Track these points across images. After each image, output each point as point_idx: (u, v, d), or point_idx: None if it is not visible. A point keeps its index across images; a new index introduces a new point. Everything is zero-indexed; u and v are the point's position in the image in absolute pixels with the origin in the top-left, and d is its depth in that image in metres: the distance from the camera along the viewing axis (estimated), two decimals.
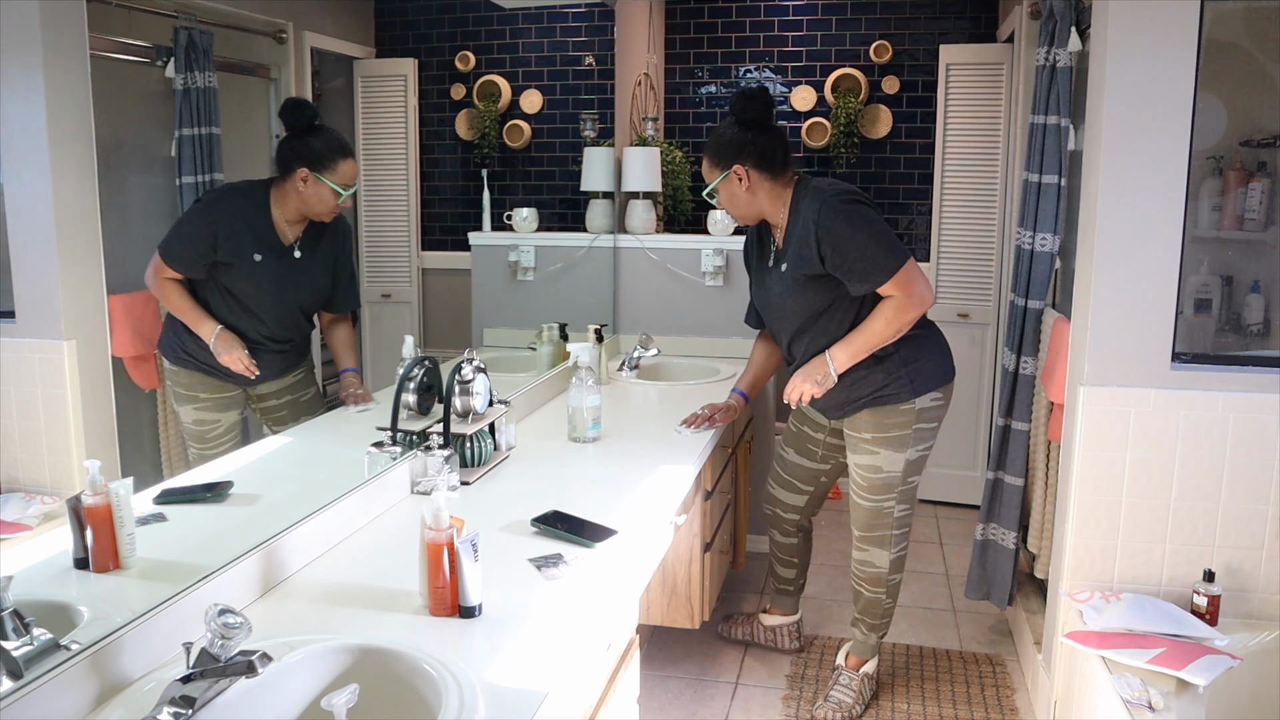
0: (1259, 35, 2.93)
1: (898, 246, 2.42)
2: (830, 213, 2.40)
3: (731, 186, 2.51)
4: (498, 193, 3.40)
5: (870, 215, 2.42)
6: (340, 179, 2.02)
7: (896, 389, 2.53)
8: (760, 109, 2.48)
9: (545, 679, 1.38)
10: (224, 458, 1.87)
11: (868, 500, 2.66)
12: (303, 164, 1.98)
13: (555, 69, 3.73)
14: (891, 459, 2.60)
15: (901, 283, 2.41)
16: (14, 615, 1.21)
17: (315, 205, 2.01)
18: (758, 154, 2.46)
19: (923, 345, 2.57)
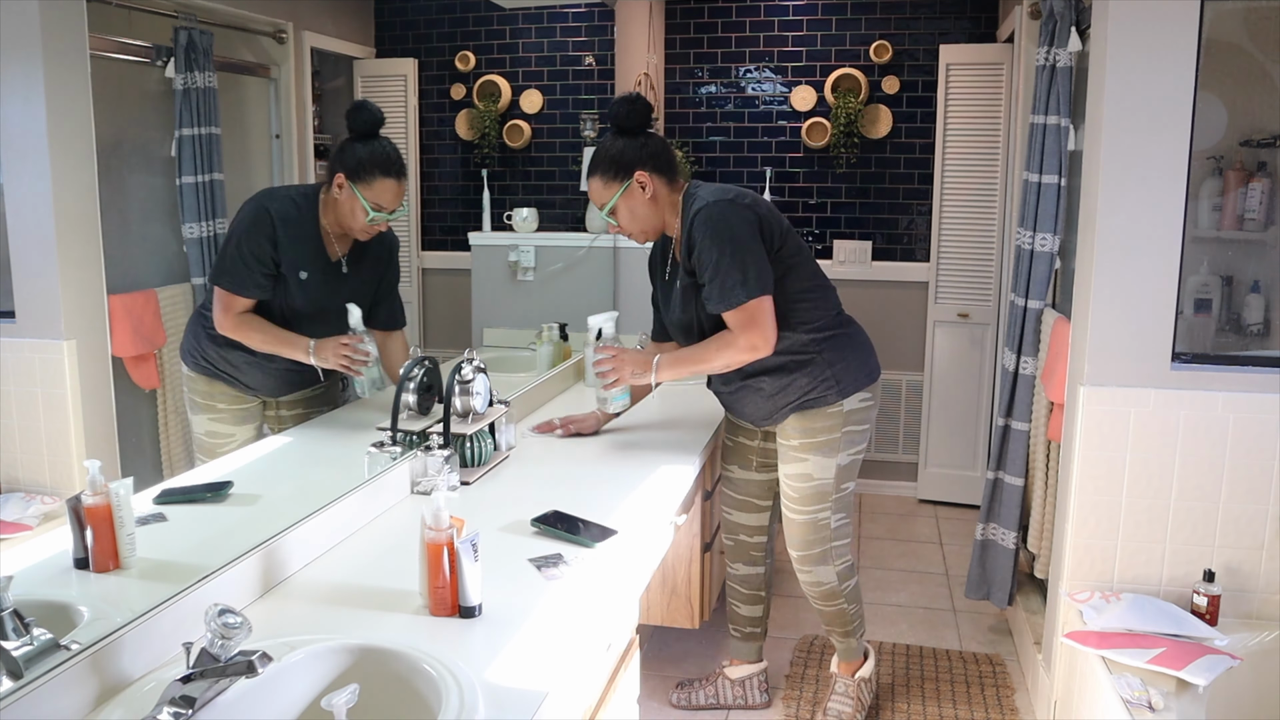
0: (1259, 35, 2.93)
1: (756, 276, 2.21)
2: (700, 220, 2.23)
3: (633, 198, 2.32)
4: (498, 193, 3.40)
5: (738, 230, 2.21)
6: (373, 195, 1.92)
7: (822, 391, 2.37)
8: (643, 114, 2.34)
9: (545, 679, 1.38)
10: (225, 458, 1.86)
11: (801, 513, 2.48)
12: (341, 169, 1.91)
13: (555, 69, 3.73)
14: (822, 465, 2.42)
15: (741, 320, 2.22)
16: (14, 615, 1.21)
17: (347, 217, 1.93)
18: (654, 158, 2.32)
19: (846, 345, 2.41)
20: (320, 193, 1.92)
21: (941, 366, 4.42)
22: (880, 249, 4.51)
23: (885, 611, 3.45)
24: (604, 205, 2.34)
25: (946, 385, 4.43)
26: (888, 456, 4.63)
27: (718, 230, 2.21)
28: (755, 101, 4.54)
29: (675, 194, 2.35)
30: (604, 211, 2.35)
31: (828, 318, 2.39)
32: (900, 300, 4.51)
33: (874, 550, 4.02)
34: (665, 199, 2.34)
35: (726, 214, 2.22)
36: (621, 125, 2.33)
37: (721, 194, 2.26)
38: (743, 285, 2.20)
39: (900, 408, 4.56)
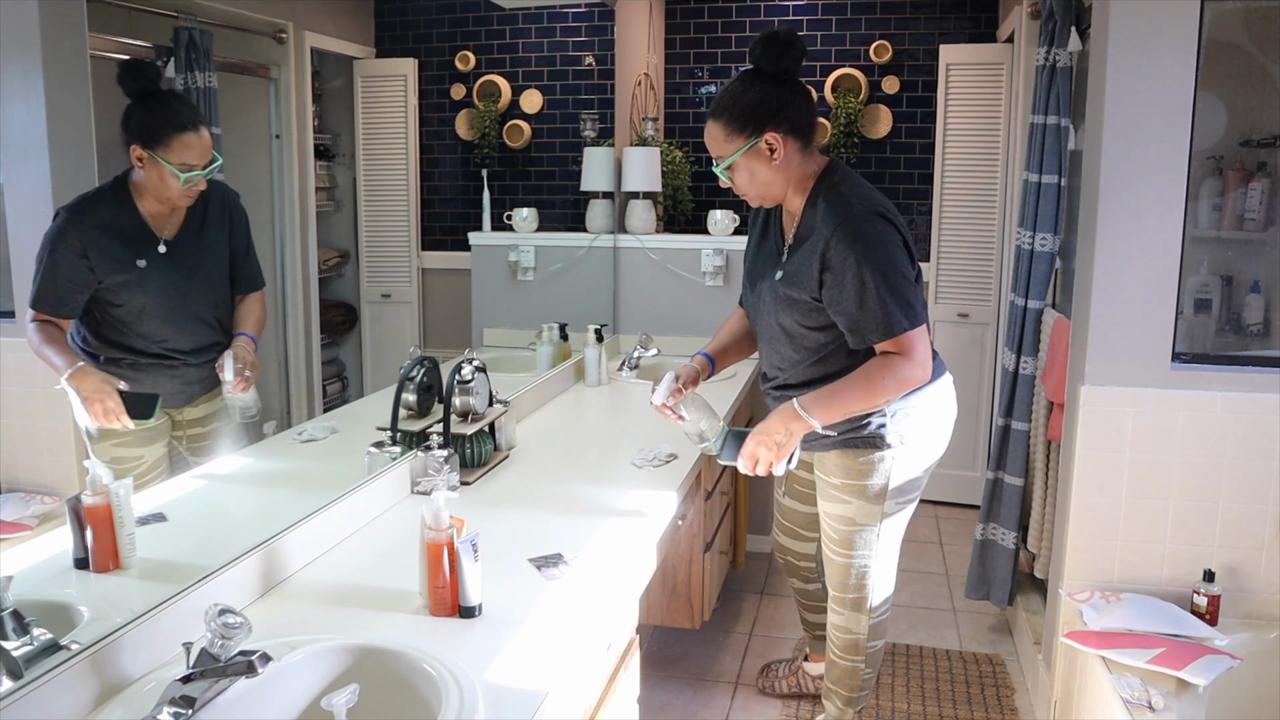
0: (1259, 35, 2.93)
1: (913, 301, 1.96)
2: (848, 235, 1.93)
3: (757, 159, 1.99)
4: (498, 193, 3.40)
5: (894, 254, 1.96)
6: (176, 156, 1.67)
7: (875, 432, 2.12)
8: (794, 58, 1.96)
9: (545, 679, 1.38)
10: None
11: (840, 555, 2.27)
12: (134, 139, 1.66)
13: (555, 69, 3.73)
14: (866, 511, 2.20)
15: (900, 351, 1.97)
16: (14, 615, 1.21)
17: (159, 189, 1.69)
18: (793, 118, 1.97)
19: (923, 396, 2.15)
20: (128, 178, 1.70)
21: None
22: None
23: None
24: (722, 159, 2.00)
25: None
26: None
27: (869, 252, 1.92)
28: None
29: (809, 167, 2.04)
30: (721, 166, 2.02)
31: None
32: None
33: None
34: (795, 167, 2.02)
35: (882, 235, 1.95)
36: (763, 68, 1.97)
37: (870, 204, 1.97)
38: (900, 313, 1.94)
39: None
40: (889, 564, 2.30)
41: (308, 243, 2.21)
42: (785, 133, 1.97)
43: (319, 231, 2.28)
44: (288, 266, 2.16)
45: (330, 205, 2.49)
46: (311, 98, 2.20)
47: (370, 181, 2.61)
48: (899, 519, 2.26)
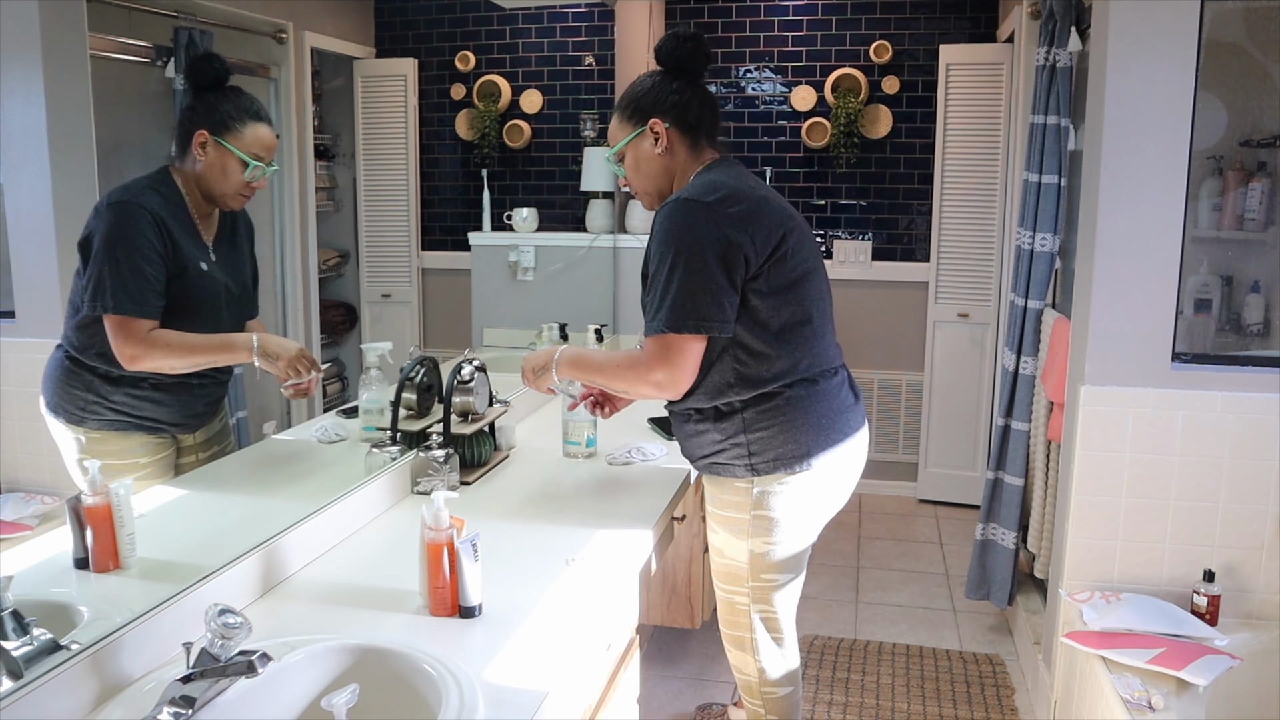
0: (1259, 35, 2.93)
1: (696, 308, 1.77)
2: (663, 215, 1.84)
3: (641, 148, 1.95)
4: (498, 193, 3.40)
5: (700, 244, 1.77)
6: (247, 145, 1.64)
7: (730, 459, 1.92)
8: (692, 54, 1.93)
9: (545, 679, 1.38)
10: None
11: (719, 589, 2.07)
12: (201, 124, 1.62)
13: (555, 69, 3.73)
14: (731, 544, 1.99)
15: (656, 350, 1.81)
16: (14, 615, 1.21)
17: (219, 181, 1.63)
18: (679, 109, 1.92)
19: (782, 413, 1.87)
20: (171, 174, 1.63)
21: (941, 366, 4.42)
22: (880, 249, 4.51)
23: (885, 611, 3.45)
24: (613, 146, 2.01)
25: (946, 385, 4.43)
26: (888, 456, 4.63)
27: (674, 235, 1.80)
28: (755, 101, 4.53)
29: (694, 161, 1.96)
30: (609, 154, 2.01)
31: (779, 374, 1.87)
32: (900, 300, 4.51)
33: (874, 550, 4.02)
34: (681, 163, 1.95)
35: (695, 219, 1.79)
36: (663, 63, 1.96)
37: (708, 190, 1.83)
38: (673, 311, 1.78)
39: (900, 408, 4.56)
40: (772, 611, 2.03)
41: (308, 243, 2.21)
42: (671, 123, 1.93)
43: (319, 231, 2.28)
44: (288, 266, 2.16)
45: (330, 205, 2.49)
46: (311, 98, 2.21)
47: (370, 181, 2.61)
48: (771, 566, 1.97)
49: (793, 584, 2.04)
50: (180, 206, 1.62)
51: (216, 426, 1.74)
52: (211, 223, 1.70)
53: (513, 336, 3.38)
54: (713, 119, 1.97)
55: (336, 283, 2.53)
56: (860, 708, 2.80)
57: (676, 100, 1.92)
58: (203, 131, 1.61)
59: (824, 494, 1.97)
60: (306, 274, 2.21)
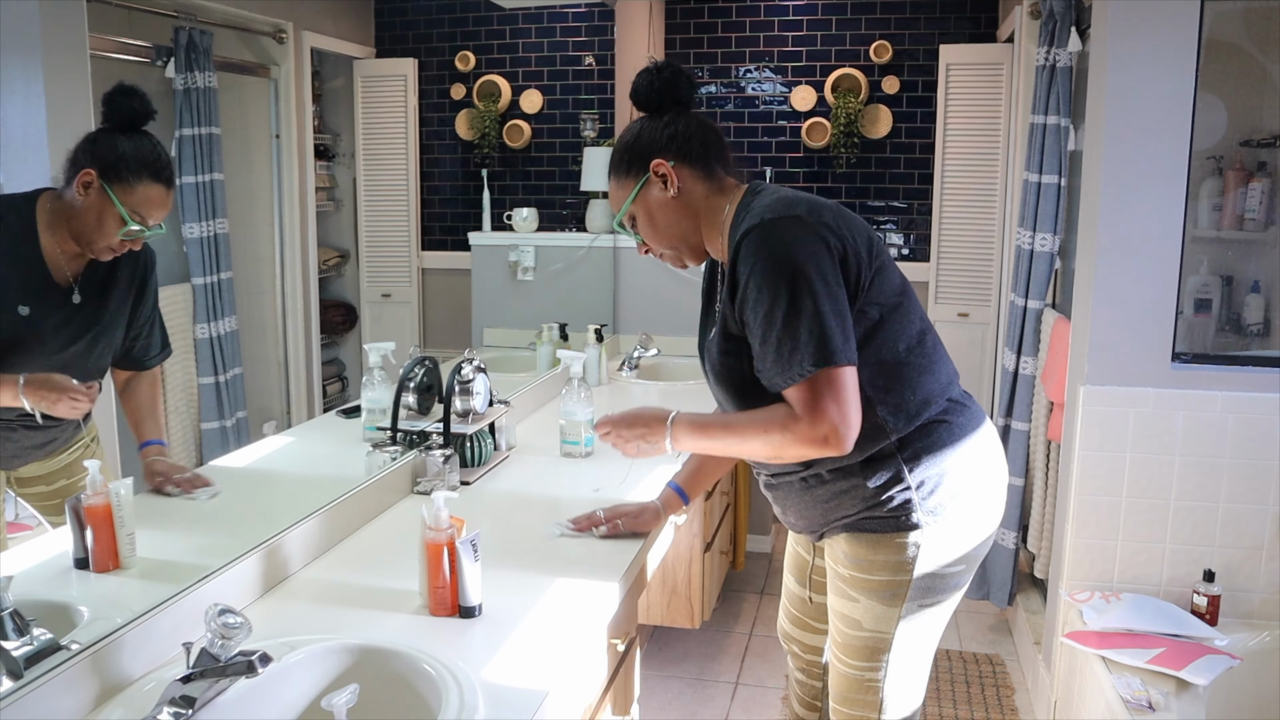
0: (1259, 35, 2.93)
1: (832, 334, 1.46)
2: (749, 245, 1.51)
3: (650, 199, 1.64)
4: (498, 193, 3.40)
5: (805, 263, 1.48)
6: (134, 202, 1.46)
7: (892, 511, 1.60)
8: (669, 85, 1.65)
9: (545, 679, 1.38)
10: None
11: (844, 664, 1.74)
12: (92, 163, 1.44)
13: (555, 69, 3.73)
14: (877, 613, 1.67)
15: (805, 398, 1.47)
16: (14, 615, 1.21)
17: (91, 229, 1.45)
18: (680, 140, 1.63)
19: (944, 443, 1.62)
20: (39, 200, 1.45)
21: None
22: None
23: None
24: (618, 210, 1.69)
25: None
26: None
27: (774, 264, 1.48)
28: (755, 101, 4.53)
29: (719, 196, 1.64)
30: (617, 218, 1.69)
31: (930, 397, 1.60)
32: None
33: None
34: (701, 201, 1.64)
35: (789, 239, 1.49)
36: (644, 104, 1.68)
37: (786, 207, 1.53)
38: (818, 346, 1.45)
39: None
40: (908, 679, 1.75)
41: (308, 243, 2.21)
42: (676, 160, 1.62)
43: (319, 231, 2.28)
44: (288, 266, 2.16)
45: (330, 205, 2.49)
46: (311, 98, 2.21)
47: (370, 181, 2.61)
48: (927, 624, 1.72)
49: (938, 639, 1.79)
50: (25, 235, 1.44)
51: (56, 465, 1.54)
52: (76, 265, 1.50)
53: (513, 336, 3.38)
54: (719, 145, 1.67)
55: (336, 283, 2.53)
56: None
57: (671, 133, 1.63)
58: (90, 170, 1.43)
59: (989, 522, 1.71)
60: (306, 274, 2.21)
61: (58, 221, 1.45)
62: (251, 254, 2.07)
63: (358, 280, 2.59)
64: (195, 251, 1.80)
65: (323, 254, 2.39)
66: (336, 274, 2.52)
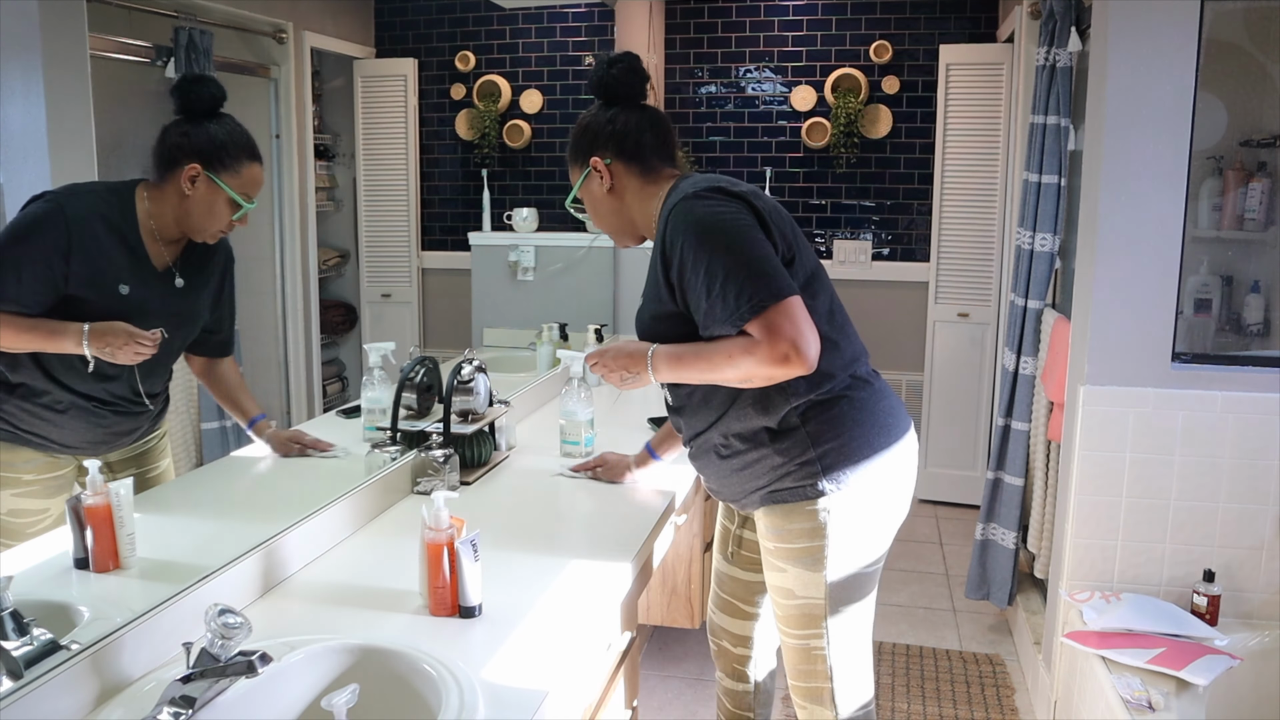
0: (1259, 35, 2.93)
1: (775, 272, 1.57)
2: (675, 219, 1.63)
3: (590, 190, 1.80)
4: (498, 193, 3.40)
5: (734, 222, 1.60)
6: (241, 185, 1.56)
7: (798, 480, 1.69)
8: (619, 77, 1.76)
9: (545, 679, 1.38)
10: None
11: (788, 635, 1.82)
12: (194, 158, 1.52)
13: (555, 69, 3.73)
14: (805, 580, 1.74)
15: (766, 328, 1.54)
16: (14, 615, 1.21)
17: (201, 218, 1.55)
18: (617, 139, 1.75)
19: (846, 416, 1.70)
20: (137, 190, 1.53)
21: (941, 366, 4.42)
22: (880, 249, 4.52)
23: (885, 611, 3.45)
24: (570, 194, 1.86)
25: (946, 385, 4.43)
26: None
27: (703, 226, 1.61)
28: (755, 101, 4.54)
29: (653, 186, 1.77)
30: (567, 201, 1.88)
31: (832, 378, 1.69)
32: (900, 300, 4.51)
33: None
34: (638, 194, 1.77)
35: (713, 203, 1.62)
36: (594, 92, 1.81)
37: (707, 182, 1.67)
38: (759, 283, 1.55)
39: None
40: (851, 650, 1.81)
41: (308, 243, 2.21)
42: (614, 156, 1.75)
43: (319, 231, 2.28)
44: (288, 266, 2.16)
45: (330, 205, 2.49)
46: (311, 98, 2.21)
47: (370, 181, 2.61)
48: (852, 591, 1.77)
49: (870, 606, 1.83)
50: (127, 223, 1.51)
51: (130, 453, 1.60)
52: (175, 246, 1.59)
53: (513, 336, 3.38)
54: (658, 138, 1.77)
55: (336, 283, 2.53)
56: None
57: (611, 131, 1.75)
58: (195, 165, 1.52)
59: (890, 497, 1.78)
60: (306, 274, 2.21)
61: (159, 211, 1.53)
62: (251, 254, 2.07)
63: (358, 280, 2.59)
64: None
65: (323, 254, 2.39)
66: (336, 274, 2.52)
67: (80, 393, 1.47)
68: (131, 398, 1.53)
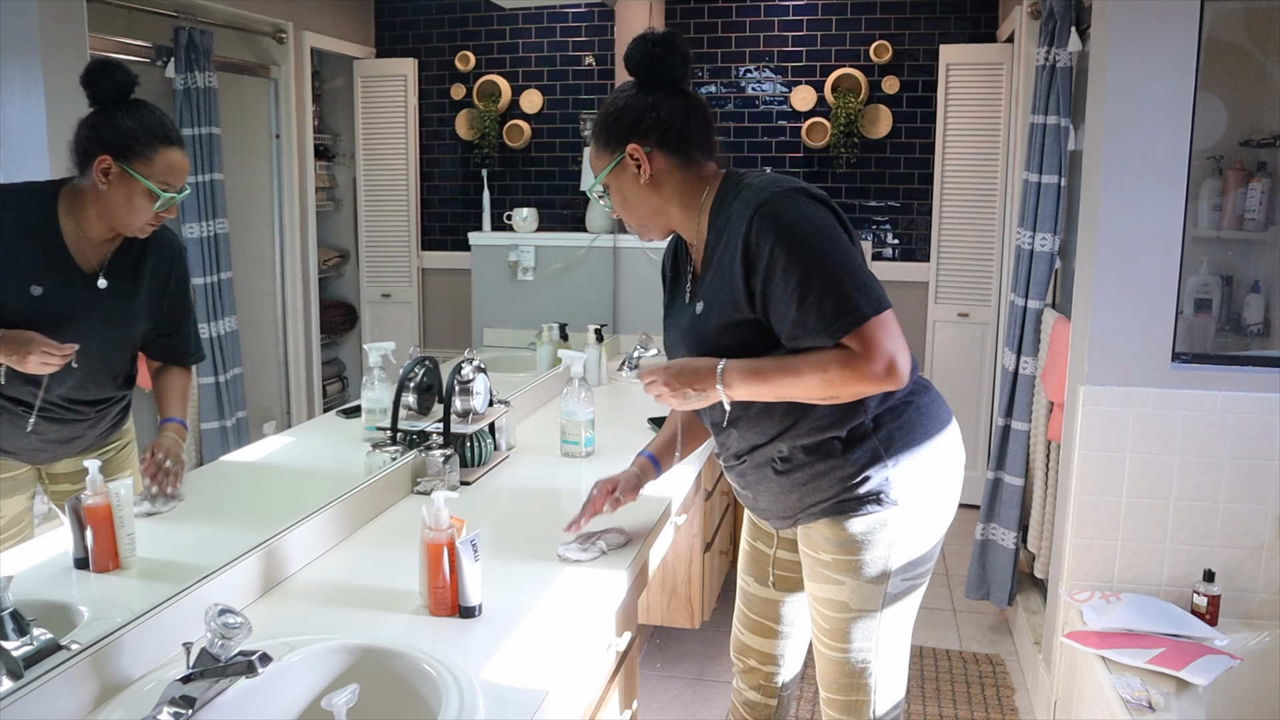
0: (1259, 35, 2.93)
1: (869, 283, 1.52)
2: (770, 218, 1.53)
3: (623, 178, 1.65)
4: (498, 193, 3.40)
5: (829, 229, 1.53)
6: (157, 174, 1.47)
7: (871, 488, 1.63)
8: (664, 60, 1.65)
9: (545, 679, 1.38)
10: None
11: (832, 649, 1.75)
12: (104, 149, 1.44)
13: (555, 69, 3.74)
14: (864, 592, 1.68)
15: (860, 339, 1.49)
16: (14, 615, 1.21)
17: (121, 212, 1.47)
18: (661, 128, 1.62)
19: (916, 423, 1.66)
20: (62, 190, 1.47)
21: (941, 366, 4.42)
22: (880, 249, 4.52)
23: None
24: (594, 179, 1.72)
25: (946, 385, 4.43)
26: None
27: (795, 231, 1.51)
28: (755, 101, 4.53)
29: (696, 181, 1.66)
30: (590, 187, 1.75)
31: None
32: (900, 300, 4.48)
33: None
34: (675, 187, 1.65)
35: (801, 207, 1.54)
36: (634, 73, 1.69)
37: (784, 183, 1.58)
38: (860, 294, 1.49)
39: None
40: (896, 658, 1.76)
41: (308, 243, 2.22)
42: (653, 146, 1.63)
43: (319, 231, 2.28)
44: (288, 266, 2.17)
45: (330, 205, 2.49)
46: (311, 98, 2.21)
47: (370, 181, 2.61)
48: (907, 602, 1.73)
49: (915, 612, 1.78)
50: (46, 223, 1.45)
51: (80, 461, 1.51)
52: (104, 246, 1.50)
53: (513, 336, 3.39)
54: (702, 127, 1.66)
55: (336, 283, 2.53)
56: None
57: (656, 118, 1.63)
58: (106, 157, 1.43)
59: (954, 491, 1.74)
60: (306, 274, 2.22)
61: (81, 209, 1.46)
62: (251, 254, 2.07)
63: (358, 280, 2.59)
64: (195, 251, 1.80)
65: (323, 254, 2.39)
66: (336, 274, 2.52)
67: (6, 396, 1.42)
68: (64, 405, 1.47)
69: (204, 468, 1.81)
